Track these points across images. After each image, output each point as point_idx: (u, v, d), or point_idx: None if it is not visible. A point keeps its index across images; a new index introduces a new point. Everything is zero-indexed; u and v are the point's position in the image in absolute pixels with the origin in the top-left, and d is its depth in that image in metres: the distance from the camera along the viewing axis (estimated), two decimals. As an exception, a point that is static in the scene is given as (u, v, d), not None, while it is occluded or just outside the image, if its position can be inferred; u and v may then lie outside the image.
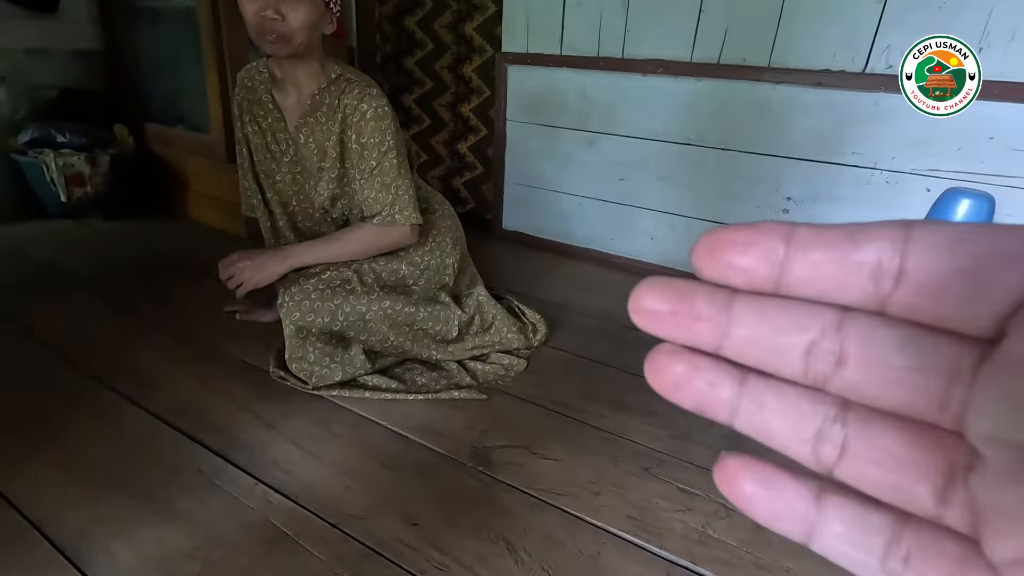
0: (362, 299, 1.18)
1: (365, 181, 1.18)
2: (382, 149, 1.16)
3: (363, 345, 1.20)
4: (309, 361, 1.16)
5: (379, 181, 1.17)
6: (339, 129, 1.18)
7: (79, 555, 0.77)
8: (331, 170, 1.22)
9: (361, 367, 1.18)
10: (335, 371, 1.16)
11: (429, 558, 0.80)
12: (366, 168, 1.17)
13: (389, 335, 1.20)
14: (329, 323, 1.16)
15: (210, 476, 0.92)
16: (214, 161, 2.01)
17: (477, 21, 2.19)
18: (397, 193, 1.18)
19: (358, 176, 1.19)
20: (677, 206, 1.83)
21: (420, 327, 1.23)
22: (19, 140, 1.97)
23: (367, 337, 1.19)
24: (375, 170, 1.17)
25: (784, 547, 0.86)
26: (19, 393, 1.11)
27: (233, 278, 1.22)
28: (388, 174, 1.17)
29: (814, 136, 1.56)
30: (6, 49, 2.02)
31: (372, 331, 1.19)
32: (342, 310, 1.16)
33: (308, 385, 1.15)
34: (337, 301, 1.16)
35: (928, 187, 1.43)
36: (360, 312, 1.17)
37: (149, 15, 2.17)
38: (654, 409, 1.18)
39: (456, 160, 2.46)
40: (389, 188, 1.18)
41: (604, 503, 0.92)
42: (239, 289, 1.22)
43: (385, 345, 1.22)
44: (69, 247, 1.86)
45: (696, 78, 1.67)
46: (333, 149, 1.20)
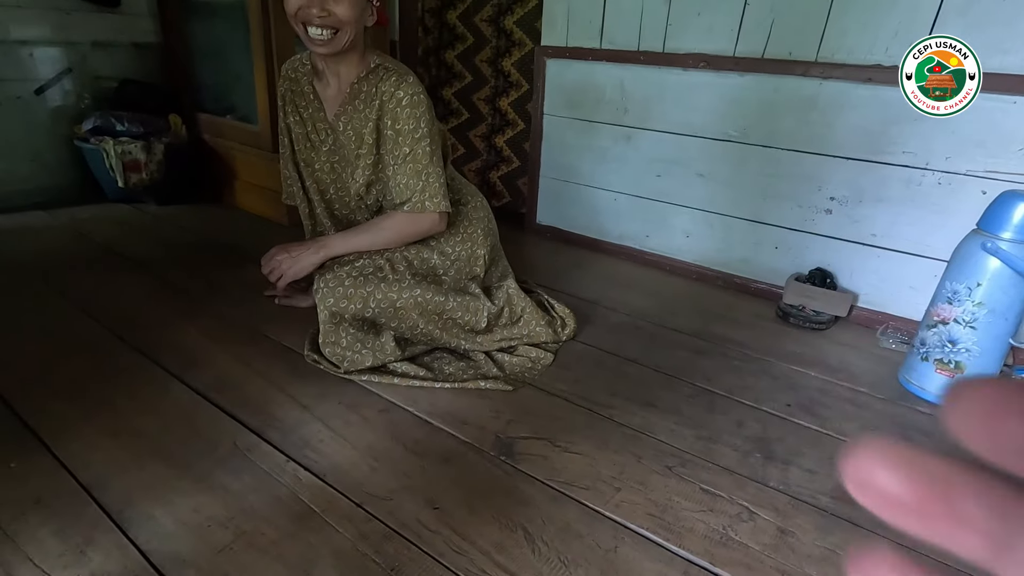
0: (393, 287, 1.20)
1: (398, 167, 1.21)
2: (415, 136, 1.18)
3: (394, 332, 1.23)
4: (341, 346, 1.19)
5: (411, 168, 1.20)
6: (376, 116, 1.20)
7: (124, 519, 0.82)
8: (367, 156, 1.25)
9: (391, 354, 1.21)
10: (366, 356, 1.20)
11: (448, 541, 0.82)
12: (399, 155, 1.20)
13: (419, 323, 1.23)
14: (361, 310, 1.19)
15: (244, 451, 0.97)
16: (260, 151, 2.09)
17: (518, 15, 2.19)
18: (427, 181, 1.20)
19: (391, 162, 1.22)
20: (715, 204, 1.79)
21: (449, 316, 1.25)
22: (82, 128, 2.09)
23: (397, 324, 1.22)
24: (407, 156, 1.19)
25: (807, 555, 0.84)
26: (77, 364, 1.18)
27: (273, 271, 1.28)
28: (420, 161, 1.19)
29: (862, 134, 1.50)
30: (75, 42, 2.15)
31: (403, 319, 1.22)
32: (374, 297, 1.19)
33: (340, 369, 1.19)
34: (369, 288, 1.19)
35: (984, 189, 1.36)
36: (391, 300, 1.20)
37: (203, 9, 2.26)
38: (681, 409, 1.17)
39: (493, 154, 2.48)
40: (420, 175, 1.20)
41: (624, 499, 0.92)
42: (279, 281, 1.28)
43: (415, 333, 1.24)
44: (125, 230, 1.97)
45: (739, 73, 1.63)
46: (370, 136, 1.22)
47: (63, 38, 2.12)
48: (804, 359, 1.40)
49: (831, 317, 1.57)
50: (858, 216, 1.56)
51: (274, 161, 2.04)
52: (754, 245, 1.76)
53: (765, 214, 1.71)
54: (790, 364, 1.37)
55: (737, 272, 1.80)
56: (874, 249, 1.56)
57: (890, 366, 1.38)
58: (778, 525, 0.89)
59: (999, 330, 1.16)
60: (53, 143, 2.15)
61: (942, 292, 1.22)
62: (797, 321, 1.57)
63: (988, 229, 1.15)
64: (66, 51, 2.14)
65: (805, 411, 1.19)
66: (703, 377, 1.29)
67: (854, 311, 1.61)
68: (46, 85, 2.11)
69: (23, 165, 2.11)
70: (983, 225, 1.17)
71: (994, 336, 1.17)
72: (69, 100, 2.17)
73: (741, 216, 1.76)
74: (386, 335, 1.22)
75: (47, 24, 2.07)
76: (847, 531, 0.89)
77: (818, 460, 1.04)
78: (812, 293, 1.58)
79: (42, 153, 2.15)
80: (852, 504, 0.93)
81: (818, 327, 1.55)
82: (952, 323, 1.19)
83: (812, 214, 1.63)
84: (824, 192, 1.60)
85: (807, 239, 1.66)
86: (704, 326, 1.54)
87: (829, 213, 1.60)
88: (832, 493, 0.96)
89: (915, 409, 1.23)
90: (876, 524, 0.90)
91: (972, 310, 1.16)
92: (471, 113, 2.48)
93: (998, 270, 1.13)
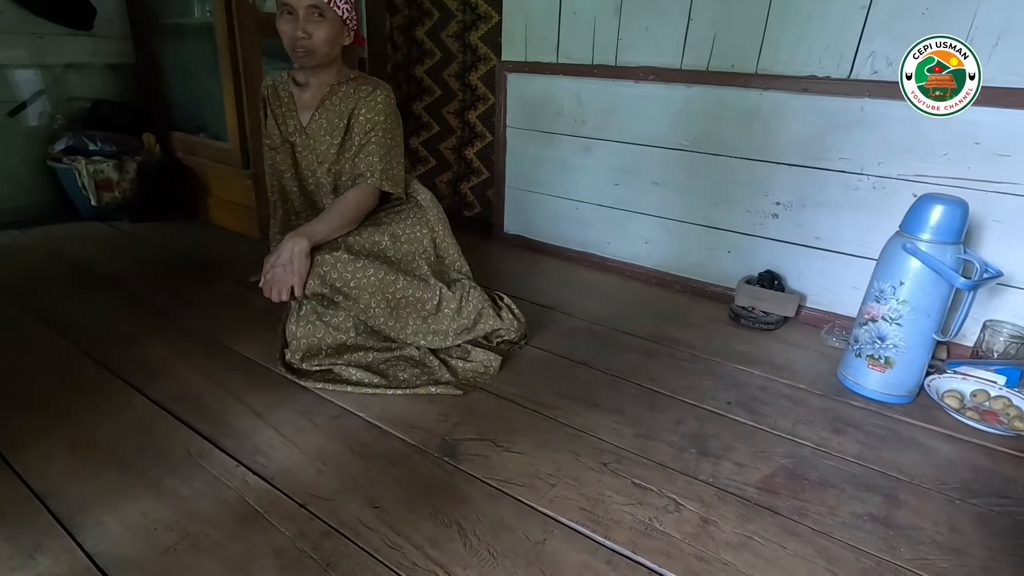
0: (348, 267, 1.24)
1: (363, 147, 1.34)
2: (385, 127, 1.35)
3: (350, 309, 1.27)
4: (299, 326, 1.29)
5: (374, 148, 1.34)
6: (351, 108, 1.35)
7: (74, 525, 0.86)
8: (334, 139, 1.37)
9: (346, 332, 1.31)
10: (318, 328, 1.30)
11: (385, 538, 0.86)
12: (367, 138, 1.34)
13: (371, 303, 1.27)
14: (319, 286, 1.22)
15: (197, 458, 1.01)
16: (231, 167, 2.14)
17: (482, 31, 2.26)
18: (389, 163, 1.35)
19: (357, 142, 1.35)
20: (671, 211, 1.85)
21: (402, 295, 1.29)
22: (55, 148, 2.14)
23: (353, 304, 1.26)
24: (374, 139, 1.34)
25: (725, 542, 0.89)
26: (41, 378, 1.22)
27: (277, 290, 1.20)
28: (384, 146, 1.34)
29: (802, 142, 1.56)
30: (49, 64, 2.19)
31: (357, 298, 1.25)
32: (330, 276, 1.22)
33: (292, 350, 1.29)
34: (325, 268, 1.22)
35: (914, 192, 1.42)
36: (346, 279, 1.23)
37: (175, 31, 2.32)
38: (624, 408, 1.22)
39: (463, 166, 2.54)
40: (383, 158, 1.34)
41: (558, 494, 0.97)
42: (294, 291, 1.21)
43: (368, 316, 1.28)
44: (98, 248, 2.01)
45: (687, 85, 1.70)
46: (341, 122, 1.36)
47: (37, 61, 2.16)
48: (750, 358, 1.46)
49: (780, 318, 1.63)
50: (802, 220, 1.63)
51: (244, 178, 2.10)
52: (708, 250, 1.82)
53: (718, 219, 1.78)
54: (736, 364, 1.43)
55: (693, 276, 1.86)
56: (818, 251, 1.62)
57: (832, 363, 1.44)
58: (701, 515, 0.94)
59: (923, 326, 1.22)
60: (27, 163, 2.20)
61: (871, 291, 1.28)
62: (747, 322, 1.63)
63: (909, 231, 1.22)
64: (40, 73, 2.19)
65: (743, 408, 1.24)
66: (649, 378, 1.34)
67: (802, 311, 1.67)
68: (20, 107, 2.16)
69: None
70: (904, 227, 1.24)
71: (918, 332, 1.22)
72: (43, 121, 2.22)
73: (695, 222, 1.82)
74: (343, 314, 1.30)
75: (21, 47, 2.12)
76: (767, 519, 0.94)
77: (748, 454, 1.10)
78: (761, 295, 1.64)
79: (16, 173, 2.19)
80: (776, 494, 0.99)
81: (767, 327, 1.61)
82: (880, 320, 1.25)
83: (760, 219, 1.70)
84: (771, 197, 1.66)
85: (757, 243, 1.72)
86: (657, 329, 1.59)
87: (776, 217, 1.67)
88: (758, 484, 1.02)
89: (849, 403, 1.28)
90: (795, 511, 0.95)
91: (897, 308, 1.22)
92: (441, 126, 2.54)
93: (919, 270, 1.19)
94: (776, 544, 0.89)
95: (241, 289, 1.72)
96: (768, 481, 1.03)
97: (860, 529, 0.93)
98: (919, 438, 1.18)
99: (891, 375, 1.26)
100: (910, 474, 1.06)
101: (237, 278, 1.78)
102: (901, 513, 0.97)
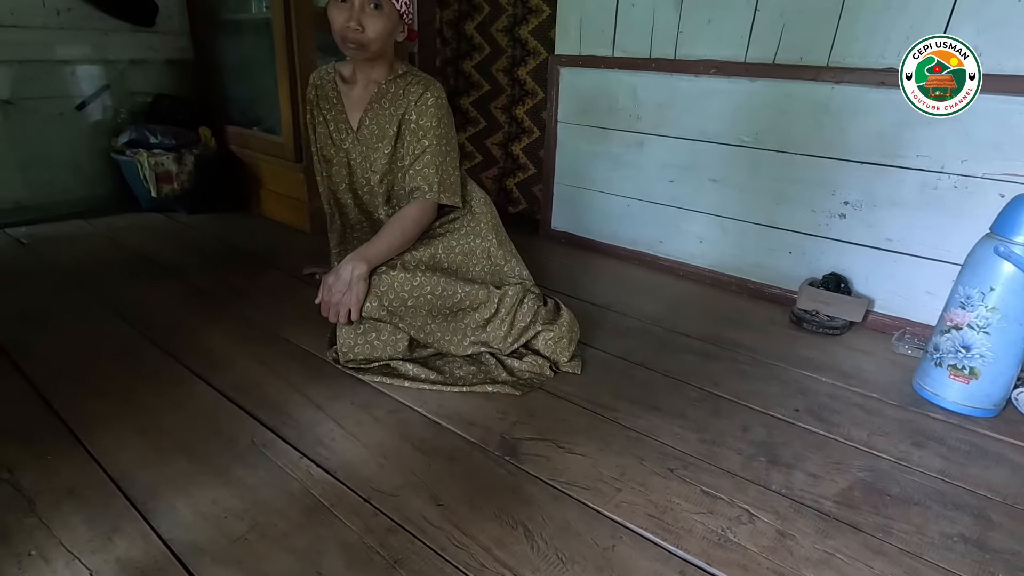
0: (405, 285, 1.22)
1: (417, 158, 1.29)
2: (437, 133, 1.29)
3: (406, 330, 1.27)
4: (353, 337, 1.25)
5: (429, 159, 1.29)
6: (401, 112, 1.29)
7: (148, 510, 0.87)
8: (385, 148, 1.33)
9: (402, 352, 1.26)
10: (376, 348, 1.25)
11: (450, 536, 0.85)
12: (420, 147, 1.28)
13: (428, 322, 1.26)
14: (376, 308, 1.22)
15: (261, 447, 1.02)
16: (284, 161, 2.17)
17: (532, 24, 2.23)
18: (444, 174, 1.30)
19: (411, 152, 1.30)
20: (729, 209, 1.79)
21: (459, 307, 1.27)
22: (119, 141, 2.21)
23: (409, 322, 1.25)
24: (427, 149, 1.28)
25: (805, 558, 0.84)
26: (110, 364, 1.26)
27: (335, 312, 1.20)
28: (439, 156, 1.29)
29: (875, 138, 1.48)
30: (113, 60, 2.26)
31: (413, 319, 1.25)
32: (387, 296, 1.22)
33: (344, 361, 1.25)
34: (383, 288, 1.22)
35: (1001, 192, 1.33)
36: (403, 298, 1.23)
37: (232, 27, 2.36)
38: (686, 412, 1.18)
39: (510, 161, 2.52)
40: (439, 169, 1.29)
41: (624, 499, 0.94)
42: (352, 312, 1.20)
43: (425, 334, 1.27)
44: (156, 238, 2.07)
45: (751, 78, 1.64)
46: (391, 128, 1.31)
47: (102, 56, 2.24)
48: (816, 364, 1.39)
49: (845, 322, 1.56)
50: (873, 220, 1.55)
51: (297, 171, 2.12)
52: (768, 250, 1.75)
53: (779, 219, 1.71)
54: (801, 369, 1.37)
55: (751, 277, 1.80)
56: (889, 254, 1.54)
57: (905, 372, 1.37)
58: (777, 528, 0.89)
59: (1013, 335, 1.14)
60: (92, 156, 2.27)
61: (955, 297, 1.20)
62: (811, 326, 1.56)
63: (1001, 233, 1.14)
64: (105, 68, 2.26)
65: (813, 416, 1.19)
66: (710, 381, 1.30)
67: (869, 316, 1.59)
68: (86, 101, 2.23)
69: (65, 177, 2.24)
70: (996, 229, 1.16)
71: (1008, 341, 1.14)
72: (107, 115, 2.29)
73: (755, 221, 1.75)
74: (401, 333, 1.27)
75: (87, 44, 2.19)
76: (848, 535, 0.89)
77: (823, 465, 1.04)
78: (826, 298, 1.57)
79: (82, 165, 2.27)
80: (856, 509, 0.93)
81: (832, 332, 1.54)
82: (965, 328, 1.18)
83: (826, 219, 1.62)
84: (838, 197, 1.59)
85: (821, 244, 1.65)
86: (715, 331, 1.54)
87: (843, 218, 1.59)
88: (835, 498, 0.96)
89: (927, 415, 1.21)
90: (878, 529, 0.90)
91: (986, 315, 1.15)
92: (488, 122, 2.52)
93: (1012, 275, 1.11)
94: (861, 563, 0.84)
95: (294, 280, 1.74)
96: (846, 495, 0.97)
97: (951, 551, 0.87)
98: (1008, 455, 1.10)
99: (975, 386, 1.18)
100: (1002, 493, 0.99)
101: (289, 270, 1.80)
102: (995, 535, 0.90)
